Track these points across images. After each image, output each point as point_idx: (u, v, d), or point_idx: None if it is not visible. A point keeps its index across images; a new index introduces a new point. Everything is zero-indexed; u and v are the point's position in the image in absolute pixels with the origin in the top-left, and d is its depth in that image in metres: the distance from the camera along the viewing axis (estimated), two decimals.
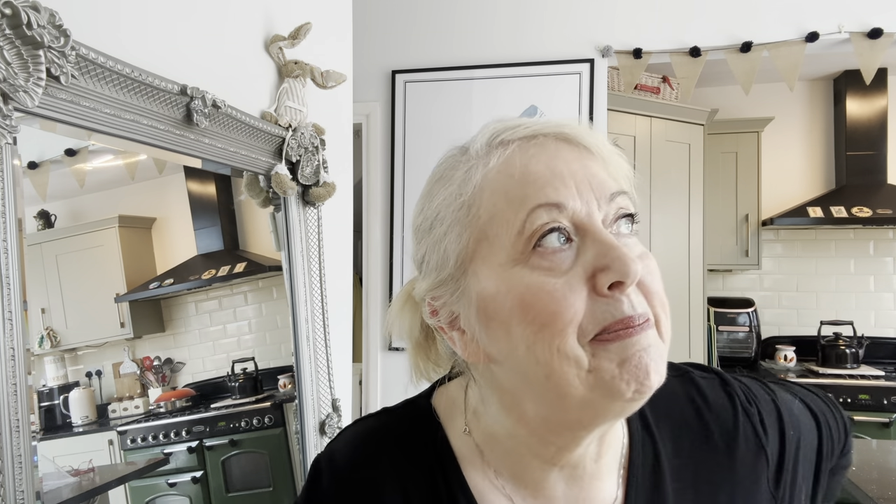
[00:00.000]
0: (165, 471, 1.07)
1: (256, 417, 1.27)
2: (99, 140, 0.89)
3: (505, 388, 0.50)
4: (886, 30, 2.25)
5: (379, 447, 0.56)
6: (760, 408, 0.59)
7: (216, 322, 1.22)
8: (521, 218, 0.45)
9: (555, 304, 0.43)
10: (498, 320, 0.46)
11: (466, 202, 0.48)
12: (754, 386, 0.62)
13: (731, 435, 0.56)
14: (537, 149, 0.48)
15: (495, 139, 0.50)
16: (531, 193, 0.45)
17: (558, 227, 0.44)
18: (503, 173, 0.47)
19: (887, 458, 1.99)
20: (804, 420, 0.61)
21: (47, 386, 0.88)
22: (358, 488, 0.54)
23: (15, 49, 0.67)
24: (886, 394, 3.02)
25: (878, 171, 3.41)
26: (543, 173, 0.46)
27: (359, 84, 2.28)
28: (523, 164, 0.47)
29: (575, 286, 0.44)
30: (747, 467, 0.55)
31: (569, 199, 0.45)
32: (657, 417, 0.57)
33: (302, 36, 1.28)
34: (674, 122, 3.05)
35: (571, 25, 2.56)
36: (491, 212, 0.47)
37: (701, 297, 3.11)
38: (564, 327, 0.43)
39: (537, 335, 0.44)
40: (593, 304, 0.44)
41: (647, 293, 0.46)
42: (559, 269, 0.44)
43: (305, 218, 1.37)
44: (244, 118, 1.12)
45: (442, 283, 0.50)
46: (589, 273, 0.44)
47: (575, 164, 0.47)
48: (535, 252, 0.45)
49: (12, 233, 0.69)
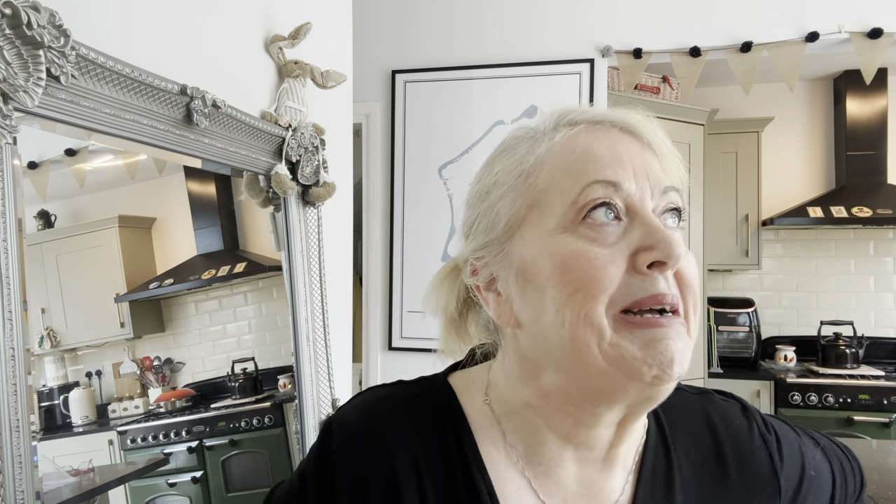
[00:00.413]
0: (165, 471, 1.07)
1: (256, 417, 1.27)
2: (99, 140, 0.89)
3: (528, 357, 0.51)
4: (886, 30, 2.25)
5: (391, 412, 0.56)
6: (780, 438, 0.59)
7: (216, 322, 1.22)
8: (576, 190, 0.48)
9: (593, 270, 0.45)
10: (535, 283, 0.48)
11: (526, 171, 0.51)
12: (780, 423, 0.63)
13: (743, 456, 0.57)
14: (602, 133, 0.51)
15: (563, 118, 0.53)
16: (591, 170, 0.48)
17: (609, 202, 0.47)
18: (566, 149, 0.50)
19: (887, 458, 1.99)
20: (823, 467, 0.62)
21: (47, 386, 0.88)
22: (369, 451, 0.53)
23: (15, 49, 0.67)
24: (886, 394, 3.02)
25: (878, 171, 3.41)
26: (605, 154, 0.49)
27: (359, 84, 2.28)
28: (587, 143, 0.50)
29: (616, 259, 0.46)
30: (757, 491, 0.56)
31: (625, 180, 0.48)
32: (673, 429, 0.57)
33: (302, 36, 1.28)
34: (674, 122, 3.05)
35: (571, 25, 2.56)
36: (548, 182, 0.49)
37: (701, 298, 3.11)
38: (597, 294, 0.45)
39: (569, 298, 0.46)
40: (629, 279, 0.45)
41: (682, 285, 0.47)
42: (604, 241, 0.46)
43: (305, 218, 1.37)
44: (244, 118, 1.12)
45: (488, 244, 0.53)
46: (633, 250, 0.46)
47: (635, 153, 0.49)
48: (583, 222, 0.47)
49: (12, 233, 0.69)
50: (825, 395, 3.09)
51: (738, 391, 2.86)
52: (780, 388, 3.17)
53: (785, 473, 0.58)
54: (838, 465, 0.65)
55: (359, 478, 0.52)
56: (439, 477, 0.52)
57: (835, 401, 3.07)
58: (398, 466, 0.52)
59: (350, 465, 0.53)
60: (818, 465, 0.62)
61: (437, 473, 0.52)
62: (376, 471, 0.52)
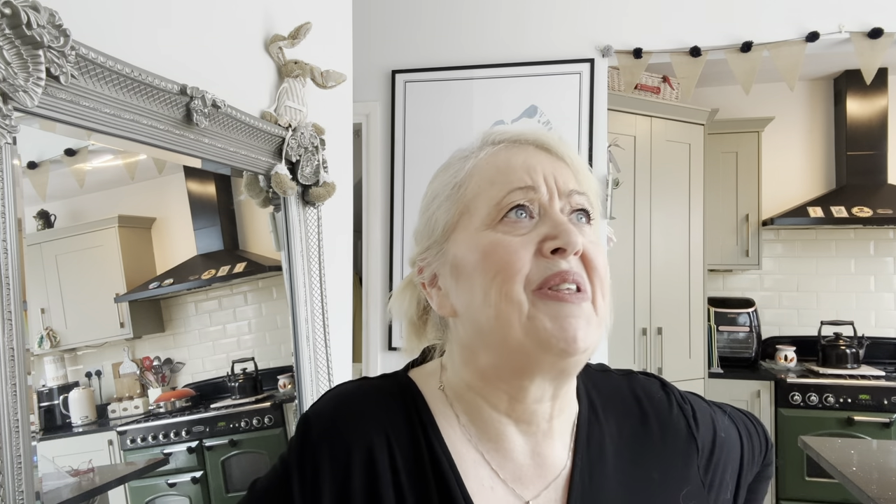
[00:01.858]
0: (165, 471, 1.07)
1: (256, 417, 1.27)
2: (99, 140, 0.89)
3: (465, 343, 0.60)
4: (886, 30, 2.25)
5: (362, 403, 0.62)
6: (695, 408, 0.70)
7: (216, 322, 1.22)
8: (500, 195, 0.58)
9: (508, 255, 0.55)
10: (465, 274, 0.57)
11: (458, 183, 0.61)
12: (694, 396, 0.73)
13: (665, 423, 0.67)
14: (519, 149, 0.61)
15: (488, 139, 0.64)
16: (512, 178, 0.58)
17: (523, 204, 0.57)
18: (490, 163, 0.61)
19: (887, 458, 1.99)
20: (731, 430, 0.74)
21: (47, 386, 0.88)
22: (346, 438, 0.59)
23: (15, 49, 0.67)
24: (886, 394, 3.02)
25: (878, 171, 3.41)
26: (521, 166, 0.59)
27: (359, 84, 2.28)
28: (507, 157, 0.60)
29: (527, 245, 0.55)
30: (679, 450, 0.66)
31: (538, 185, 0.58)
32: (604, 405, 0.67)
33: (302, 36, 1.28)
34: (674, 121, 3.05)
35: (571, 25, 2.56)
36: (476, 191, 0.59)
37: (701, 297, 3.11)
38: (514, 275, 0.54)
39: (492, 280, 0.55)
40: (538, 262, 0.55)
41: (588, 268, 0.56)
42: (517, 233, 0.56)
43: (305, 218, 1.37)
44: (244, 118, 1.12)
45: (430, 247, 0.62)
46: (541, 238, 0.55)
47: (546, 164, 0.59)
48: (502, 221, 0.57)
49: (12, 233, 0.69)
50: (825, 395, 3.09)
51: (738, 391, 2.88)
52: (780, 388, 3.17)
53: (700, 435, 0.68)
54: (744, 429, 0.77)
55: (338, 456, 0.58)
56: (408, 453, 0.59)
57: (835, 401, 3.07)
58: (372, 444, 0.58)
59: (330, 446, 0.58)
60: (727, 428, 0.73)
61: (405, 450, 0.59)
62: (354, 449, 0.58)
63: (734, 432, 0.74)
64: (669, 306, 3.02)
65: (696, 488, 0.65)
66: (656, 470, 0.63)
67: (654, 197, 2.99)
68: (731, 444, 0.72)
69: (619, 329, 2.85)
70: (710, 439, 0.69)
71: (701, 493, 0.65)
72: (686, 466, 0.65)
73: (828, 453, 2.02)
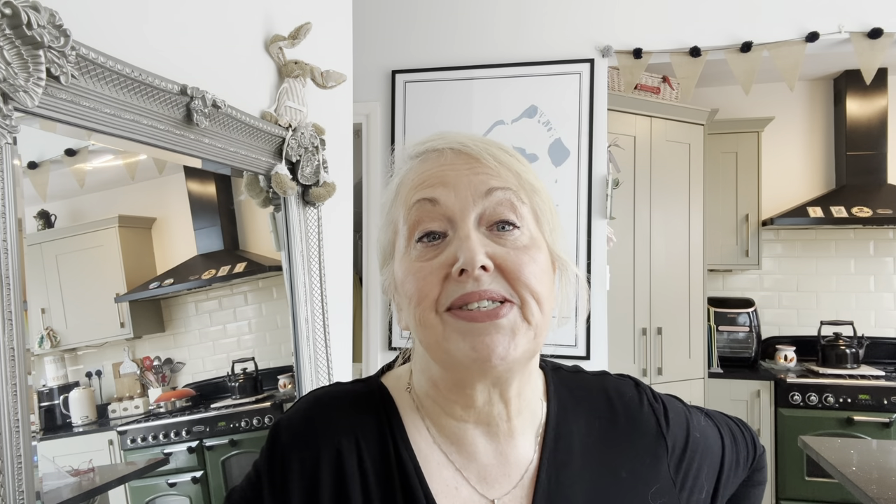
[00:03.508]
0: (165, 471, 1.07)
1: (256, 417, 1.27)
2: (99, 140, 0.89)
3: (420, 352, 0.62)
4: (886, 30, 2.25)
5: (333, 407, 0.63)
6: (667, 407, 0.70)
7: (216, 322, 1.22)
8: (406, 213, 0.58)
9: (418, 282, 0.55)
10: (401, 295, 0.59)
11: (388, 204, 0.62)
12: (669, 397, 0.73)
13: (634, 421, 0.67)
14: (435, 157, 0.60)
15: (412, 151, 0.63)
16: (415, 193, 0.58)
17: (430, 231, 0.56)
18: (406, 180, 0.60)
19: (887, 458, 1.99)
20: (710, 432, 0.73)
21: (47, 386, 0.88)
22: (315, 441, 0.60)
23: (15, 49, 0.67)
24: (886, 394, 3.02)
25: (878, 171, 3.41)
26: (430, 177, 0.58)
27: (359, 84, 2.28)
28: (420, 171, 0.59)
29: (436, 270, 0.55)
30: (647, 449, 0.66)
31: (443, 195, 0.56)
32: (574, 403, 0.67)
33: (302, 36, 1.28)
34: (674, 122, 3.05)
35: (571, 25, 2.56)
36: (397, 212, 0.60)
37: (701, 297, 3.11)
38: (422, 300, 0.55)
39: (409, 307, 0.56)
40: (448, 285, 0.54)
41: (511, 280, 0.55)
42: (427, 256, 0.56)
43: (305, 218, 1.37)
44: (244, 118, 1.12)
45: (383, 263, 0.64)
46: (450, 261, 0.55)
47: (462, 168, 0.58)
48: (416, 244, 0.57)
49: (12, 233, 0.69)
50: (825, 395, 3.09)
51: (738, 391, 2.89)
52: (780, 388, 3.17)
53: (671, 435, 0.68)
54: (727, 432, 0.76)
55: (307, 459, 0.59)
56: (376, 455, 0.60)
57: (835, 401, 3.08)
58: (341, 445, 0.60)
59: (299, 449, 0.60)
60: (704, 429, 0.72)
61: (374, 452, 0.60)
62: (322, 451, 0.59)
63: (713, 433, 0.74)
64: (669, 306, 3.02)
65: (666, 486, 0.65)
66: (624, 468, 0.64)
67: (653, 197, 2.99)
68: (708, 444, 0.71)
69: (619, 329, 2.85)
70: (683, 438, 0.69)
71: (671, 492, 0.65)
72: (655, 464, 0.65)
73: (828, 453, 2.02)
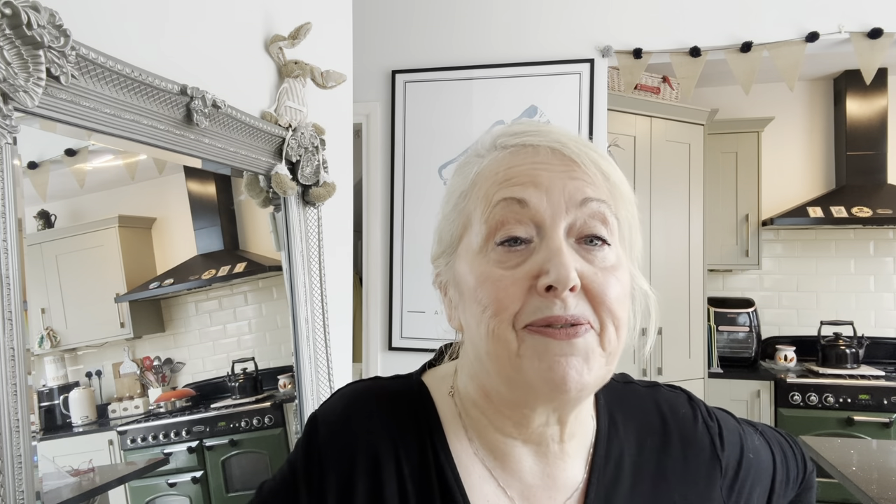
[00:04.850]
0: (165, 471, 1.07)
1: (256, 417, 1.27)
2: (99, 140, 0.89)
3: (471, 358, 0.57)
4: (886, 30, 2.25)
5: (371, 403, 0.60)
6: (721, 425, 0.65)
7: (216, 322, 1.22)
8: (486, 210, 0.52)
9: (497, 291, 0.50)
10: (465, 296, 0.54)
11: (465, 192, 0.56)
12: (722, 413, 0.69)
13: (689, 441, 0.63)
14: (526, 153, 0.54)
15: (497, 141, 0.56)
16: (501, 190, 0.52)
17: (516, 237, 0.51)
18: (490, 171, 0.54)
19: (887, 458, 1.99)
20: (763, 452, 0.69)
21: (47, 386, 0.88)
22: (353, 442, 0.57)
23: (15, 49, 0.67)
24: (886, 394, 3.02)
25: (878, 171, 3.41)
26: (520, 174, 0.52)
27: (359, 84, 2.28)
28: (508, 165, 0.53)
29: (519, 281, 0.50)
30: (701, 471, 0.62)
31: (534, 197, 0.51)
32: (625, 419, 0.63)
33: (302, 36, 1.28)
34: (674, 122, 3.05)
35: (571, 25, 2.56)
36: (475, 204, 0.54)
37: (701, 297, 3.11)
38: (500, 312, 0.50)
39: (481, 315, 0.51)
40: (530, 299, 0.49)
41: (595, 303, 0.50)
42: (509, 263, 0.51)
43: (305, 218, 1.37)
44: (244, 118, 1.12)
45: (442, 254, 0.59)
46: (535, 272, 0.49)
47: (557, 171, 0.52)
48: (495, 247, 0.52)
49: (12, 233, 0.69)
50: (825, 395, 3.09)
51: (738, 391, 2.88)
52: (780, 388, 3.17)
53: (725, 455, 0.63)
54: (779, 450, 0.72)
55: (344, 458, 0.57)
56: (414, 462, 0.57)
57: (835, 401, 3.07)
58: (379, 448, 0.57)
59: (337, 448, 0.57)
60: (757, 449, 0.68)
61: (412, 458, 0.57)
62: (360, 452, 0.57)
63: (766, 453, 0.69)
64: (669, 306, 3.02)
65: None
66: (677, 492, 0.60)
67: (654, 197, 2.99)
68: (761, 465, 0.67)
69: None
70: (737, 459, 0.65)
71: None
72: (709, 488, 0.61)
73: (828, 453, 2.02)
